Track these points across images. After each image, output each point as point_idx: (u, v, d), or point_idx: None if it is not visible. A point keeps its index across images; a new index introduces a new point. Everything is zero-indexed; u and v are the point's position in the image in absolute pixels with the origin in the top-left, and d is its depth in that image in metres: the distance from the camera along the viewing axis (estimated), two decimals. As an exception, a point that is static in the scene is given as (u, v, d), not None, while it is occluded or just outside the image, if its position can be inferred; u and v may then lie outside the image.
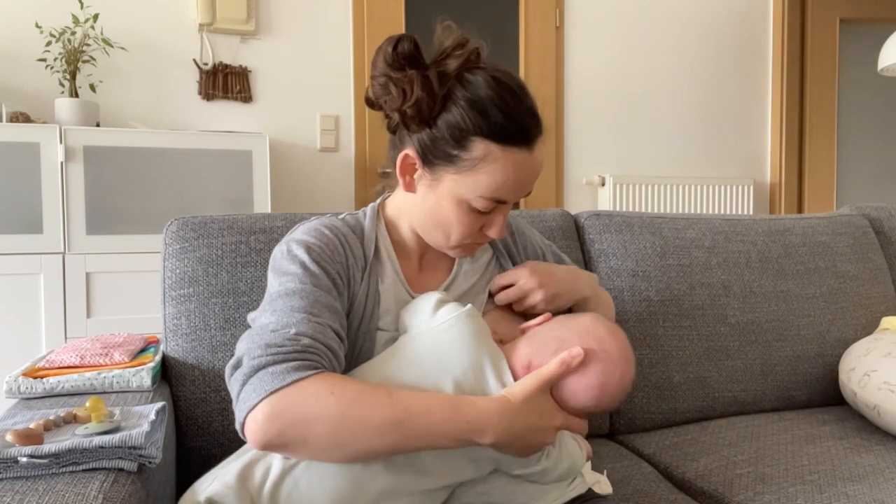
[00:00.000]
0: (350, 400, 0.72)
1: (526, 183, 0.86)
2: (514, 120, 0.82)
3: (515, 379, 0.81)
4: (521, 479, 0.84)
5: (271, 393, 0.70)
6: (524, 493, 0.84)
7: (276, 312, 0.78)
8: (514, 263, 1.01)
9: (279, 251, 0.87)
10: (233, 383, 0.75)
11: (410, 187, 0.89)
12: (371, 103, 0.90)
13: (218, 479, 0.77)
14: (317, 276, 0.82)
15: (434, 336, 0.82)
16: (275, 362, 0.72)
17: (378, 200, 0.99)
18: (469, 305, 0.85)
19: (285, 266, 0.83)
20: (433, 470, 0.79)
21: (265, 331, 0.76)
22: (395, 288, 0.90)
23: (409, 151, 0.86)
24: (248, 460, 0.77)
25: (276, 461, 0.77)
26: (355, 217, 0.95)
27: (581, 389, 0.80)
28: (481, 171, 0.82)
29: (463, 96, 0.82)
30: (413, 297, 0.91)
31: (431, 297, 0.86)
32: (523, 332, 0.87)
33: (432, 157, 0.84)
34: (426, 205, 0.88)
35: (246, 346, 0.76)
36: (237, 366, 0.75)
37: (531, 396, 0.78)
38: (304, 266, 0.82)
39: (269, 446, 0.72)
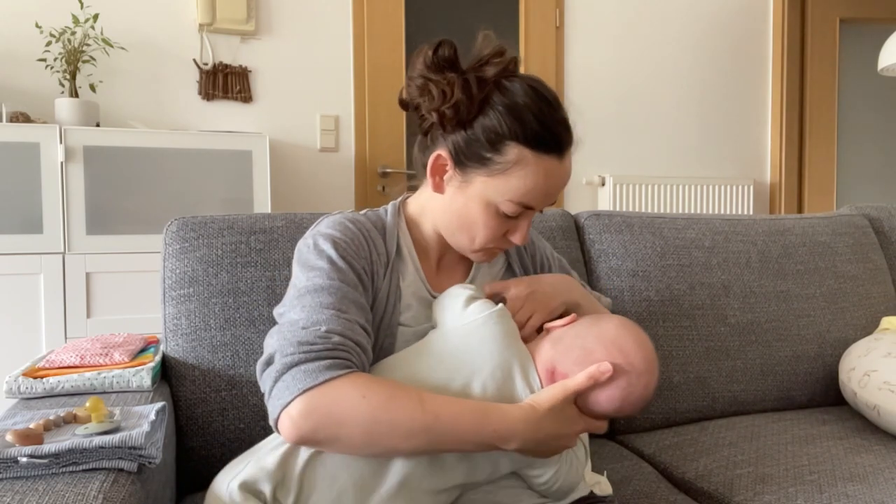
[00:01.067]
0: (381, 403, 0.74)
1: (553, 191, 0.88)
2: (549, 128, 0.84)
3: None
4: (525, 485, 0.85)
5: (305, 391, 0.73)
6: (529, 497, 0.85)
7: (305, 309, 0.79)
8: (526, 272, 1.03)
9: (305, 245, 0.88)
10: (265, 379, 0.77)
11: (439, 188, 0.90)
12: (405, 105, 0.92)
13: (252, 464, 0.79)
14: (343, 272, 0.83)
15: (464, 334, 0.83)
16: (307, 360, 0.74)
17: (399, 199, 1.00)
18: (500, 305, 0.86)
19: (312, 261, 0.85)
20: (453, 467, 0.80)
21: (296, 328, 0.78)
22: (415, 285, 0.92)
23: (442, 152, 0.88)
24: (287, 449, 0.79)
25: (303, 452, 0.78)
26: (376, 213, 0.96)
27: (604, 399, 0.80)
28: (513, 175, 0.84)
29: (500, 101, 0.84)
30: (433, 297, 0.92)
31: (462, 293, 0.87)
32: (548, 331, 0.88)
33: (465, 158, 0.86)
34: (454, 206, 0.89)
35: (278, 343, 0.77)
36: (269, 362, 0.77)
37: (557, 406, 0.79)
38: (331, 261, 0.84)
39: (302, 441, 0.75)
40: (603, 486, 0.98)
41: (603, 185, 2.98)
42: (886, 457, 1.15)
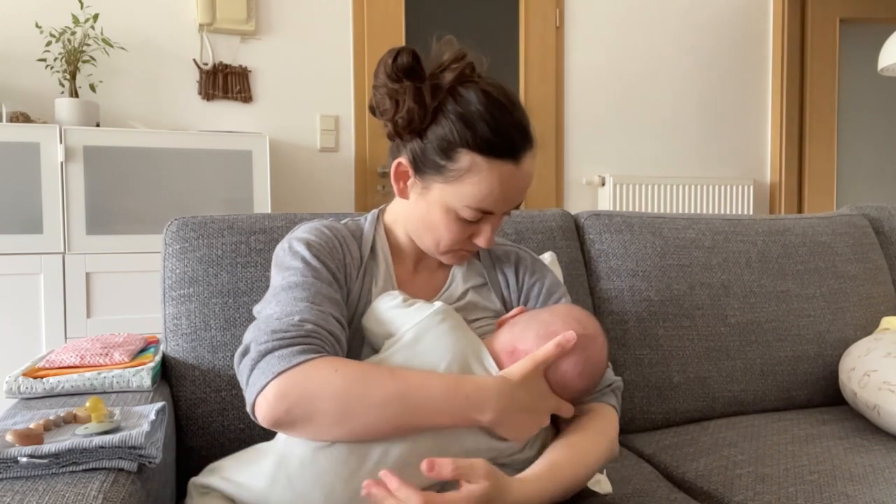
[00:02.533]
0: (354, 377, 0.76)
1: (512, 195, 0.88)
2: (501, 134, 0.84)
3: (499, 365, 0.84)
4: (511, 471, 0.84)
5: (279, 374, 0.74)
6: None
7: (280, 303, 0.82)
8: (503, 298, 1.00)
9: (281, 248, 0.91)
10: (242, 370, 0.78)
11: (404, 194, 0.93)
12: (373, 111, 0.92)
13: (216, 472, 0.80)
14: (317, 270, 0.86)
15: (412, 345, 0.84)
16: (281, 346, 0.76)
17: (380, 207, 1.03)
18: (439, 303, 0.88)
19: (287, 262, 0.87)
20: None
21: (270, 320, 0.80)
22: (386, 289, 0.93)
23: (403, 160, 0.90)
24: (247, 458, 0.80)
25: (269, 461, 0.78)
26: (356, 222, 1.00)
27: (569, 366, 0.84)
28: (467, 181, 0.85)
29: (453, 110, 0.85)
30: (404, 294, 0.91)
31: (395, 300, 0.88)
32: (500, 325, 0.91)
33: (422, 165, 0.88)
34: (418, 211, 0.91)
35: (253, 335, 0.79)
36: (245, 353, 0.79)
37: (528, 376, 0.81)
38: (305, 261, 0.86)
39: (278, 424, 0.75)
40: (603, 485, 0.98)
41: (603, 185, 2.98)
42: (886, 457, 1.15)
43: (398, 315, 0.87)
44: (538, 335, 0.85)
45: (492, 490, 0.73)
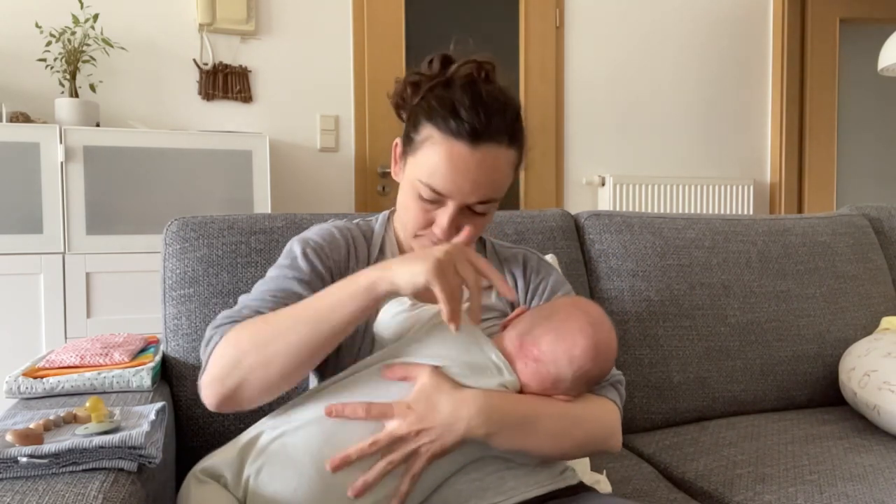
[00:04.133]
0: (257, 323, 0.80)
1: (463, 182, 0.85)
2: (460, 114, 0.84)
3: (508, 361, 0.84)
4: (511, 464, 0.85)
5: (210, 355, 0.81)
6: (514, 478, 0.84)
7: (251, 293, 0.88)
8: (509, 301, 1.00)
9: (288, 247, 0.95)
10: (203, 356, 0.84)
11: (398, 175, 0.95)
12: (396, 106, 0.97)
13: (217, 455, 0.81)
14: (300, 270, 0.89)
15: (417, 339, 0.86)
16: (214, 334, 0.82)
17: (392, 208, 1.03)
18: (437, 307, 0.87)
19: (281, 259, 0.93)
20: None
21: (234, 306, 0.87)
22: None
23: (398, 140, 0.94)
24: (247, 439, 0.81)
25: (265, 435, 0.80)
26: (368, 222, 1.02)
27: (580, 353, 0.83)
28: (421, 151, 0.87)
29: (438, 93, 0.88)
30: (412, 300, 0.92)
31: (398, 308, 0.90)
32: (504, 326, 0.90)
33: (405, 141, 0.92)
34: (400, 192, 0.94)
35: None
36: (208, 341, 0.84)
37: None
38: (292, 260, 0.91)
39: (222, 405, 0.80)
40: (602, 485, 0.98)
41: (603, 185, 2.98)
42: (886, 457, 1.15)
43: (406, 319, 0.88)
44: (544, 326, 0.85)
45: (435, 377, 0.80)
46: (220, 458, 0.80)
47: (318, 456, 0.77)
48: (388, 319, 0.90)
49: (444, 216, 0.88)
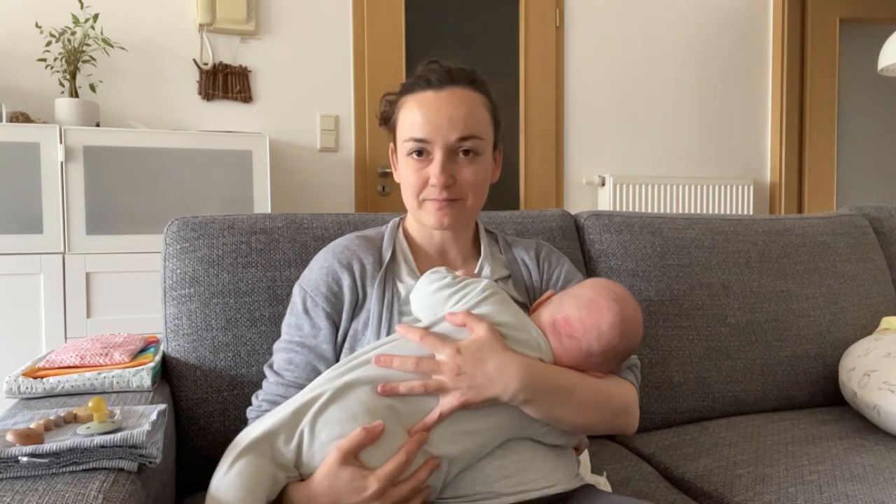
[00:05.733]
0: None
1: (438, 119, 0.94)
2: (419, 75, 0.97)
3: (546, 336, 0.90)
4: (538, 449, 0.88)
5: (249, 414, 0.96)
6: (536, 470, 0.87)
7: (271, 365, 0.98)
8: (525, 291, 1.03)
9: (295, 289, 1.00)
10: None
11: (398, 173, 1.01)
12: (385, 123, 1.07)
13: (270, 417, 0.82)
14: (302, 329, 0.96)
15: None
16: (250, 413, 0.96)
17: (402, 215, 1.09)
18: (486, 280, 0.94)
19: (288, 316, 0.99)
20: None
21: (267, 380, 0.97)
22: (412, 284, 0.98)
23: (392, 143, 1.02)
24: (300, 402, 0.82)
25: (323, 396, 0.82)
26: (378, 229, 1.07)
27: (608, 329, 0.88)
28: (400, 119, 0.98)
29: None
30: (451, 271, 0.97)
31: (440, 282, 0.93)
32: (535, 309, 0.95)
33: (392, 135, 1.01)
34: (399, 177, 1.00)
35: (263, 384, 0.98)
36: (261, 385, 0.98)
37: (331, 468, 0.77)
38: (298, 318, 0.97)
39: None
40: (602, 486, 0.98)
41: (603, 185, 2.98)
42: (886, 457, 1.15)
43: (450, 294, 0.91)
44: (571, 305, 0.90)
45: (491, 333, 0.85)
46: (273, 421, 0.80)
47: (368, 403, 0.81)
48: (432, 292, 0.92)
49: (435, 165, 0.94)
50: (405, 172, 0.97)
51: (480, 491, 0.84)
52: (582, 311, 0.89)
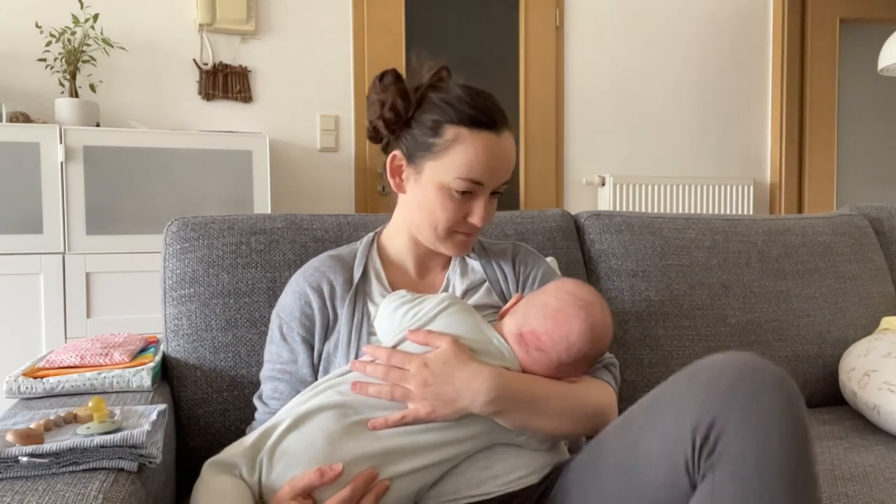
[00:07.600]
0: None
1: (497, 165, 0.93)
2: (479, 108, 0.93)
3: (508, 345, 0.89)
4: (520, 451, 0.88)
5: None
6: (523, 466, 0.87)
7: (260, 396, 0.99)
8: (501, 296, 1.03)
9: (272, 317, 1.01)
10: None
11: (400, 188, 0.99)
12: (370, 135, 1.02)
13: (229, 449, 0.84)
14: (281, 356, 0.97)
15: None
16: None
17: (379, 228, 1.08)
18: (443, 294, 0.93)
19: (268, 344, 1.00)
20: (433, 443, 0.84)
21: (257, 411, 0.99)
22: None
23: (397, 152, 0.98)
24: (261, 431, 0.84)
25: (281, 425, 0.82)
26: (352, 247, 1.06)
27: (576, 336, 0.86)
28: (453, 151, 0.92)
29: (436, 96, 0.94)
30: (410, 292, 0.96)
31: (398, 301, 0.93)
32: (502, 316, 0.94)
33: (414, 150, 0.95)
34: (415, 199, 0.97)
35: (255, 415, 0.99)
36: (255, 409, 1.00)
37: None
38: (276, 346, 0.98)
39: None
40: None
41: (603, 185, 2.98)
42: (886, 457, 1.15)
43: (408, 310, 0.91)
44: (538, 316, 0.88)
45: (455, 346, 0.85)
46: (232, 452, 0.82)
47: (329, 429, 0.81)
48: (390, 313, 0.92)
49: (478, 205, 0.95)
50: (440, 203, 0.94)
51: (467, 494, 0.84)
52: (549, 323, 0.87)
